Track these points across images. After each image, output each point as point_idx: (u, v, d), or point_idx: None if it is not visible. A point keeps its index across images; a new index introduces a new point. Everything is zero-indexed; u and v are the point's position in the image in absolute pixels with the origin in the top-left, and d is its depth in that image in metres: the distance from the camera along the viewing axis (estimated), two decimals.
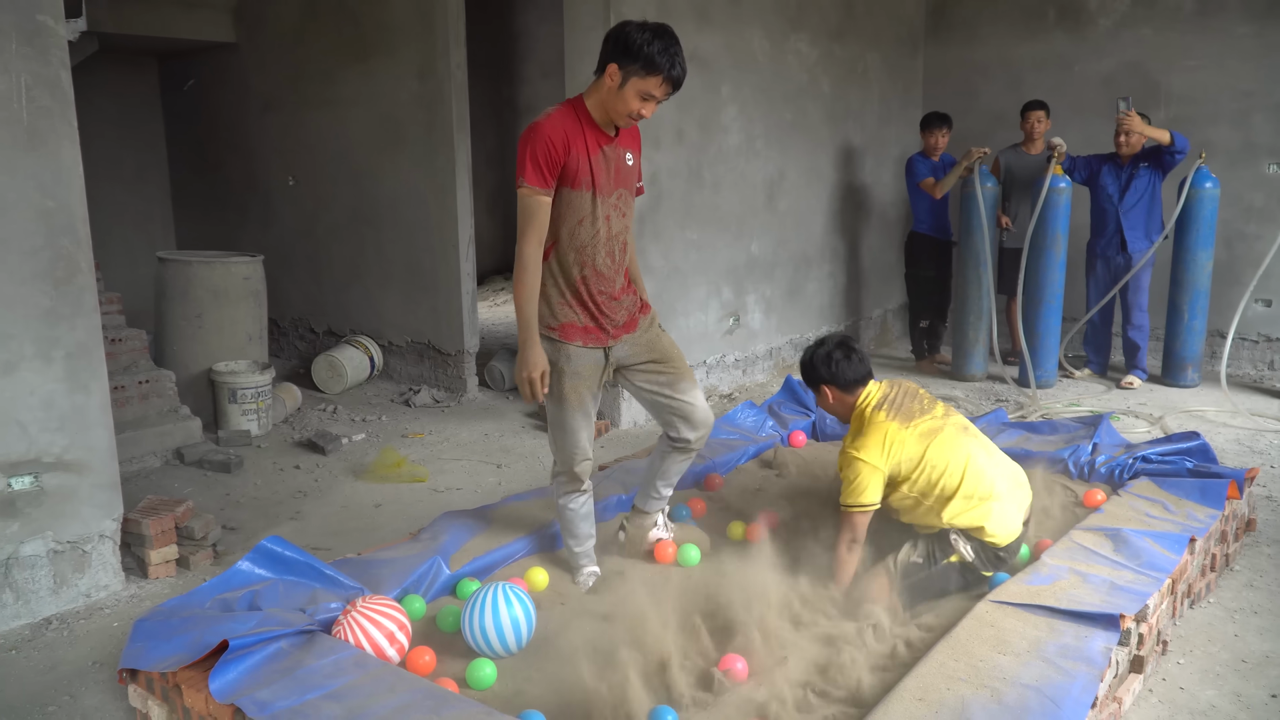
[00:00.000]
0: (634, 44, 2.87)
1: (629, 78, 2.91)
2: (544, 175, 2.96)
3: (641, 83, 2.91)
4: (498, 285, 11.53)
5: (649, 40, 2.87)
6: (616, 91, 2.94)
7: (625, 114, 2.97)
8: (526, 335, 3.06)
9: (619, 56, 2.91)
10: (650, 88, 2.92)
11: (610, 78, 2.94)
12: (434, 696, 2.42)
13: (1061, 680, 2.50)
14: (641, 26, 2.91)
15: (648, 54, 2.86)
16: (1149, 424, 5.72)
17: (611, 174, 3.10)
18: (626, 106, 2.95)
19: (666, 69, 2.89)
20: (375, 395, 6.66)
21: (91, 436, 3.59)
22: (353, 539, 4.20)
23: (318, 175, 7.24)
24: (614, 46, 2.93)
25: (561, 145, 2.96)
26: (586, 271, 3.13)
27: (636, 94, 2.93)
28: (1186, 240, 6.34)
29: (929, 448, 3.18)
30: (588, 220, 3.09)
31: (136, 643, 2.68)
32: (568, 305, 3.16)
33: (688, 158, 5.95)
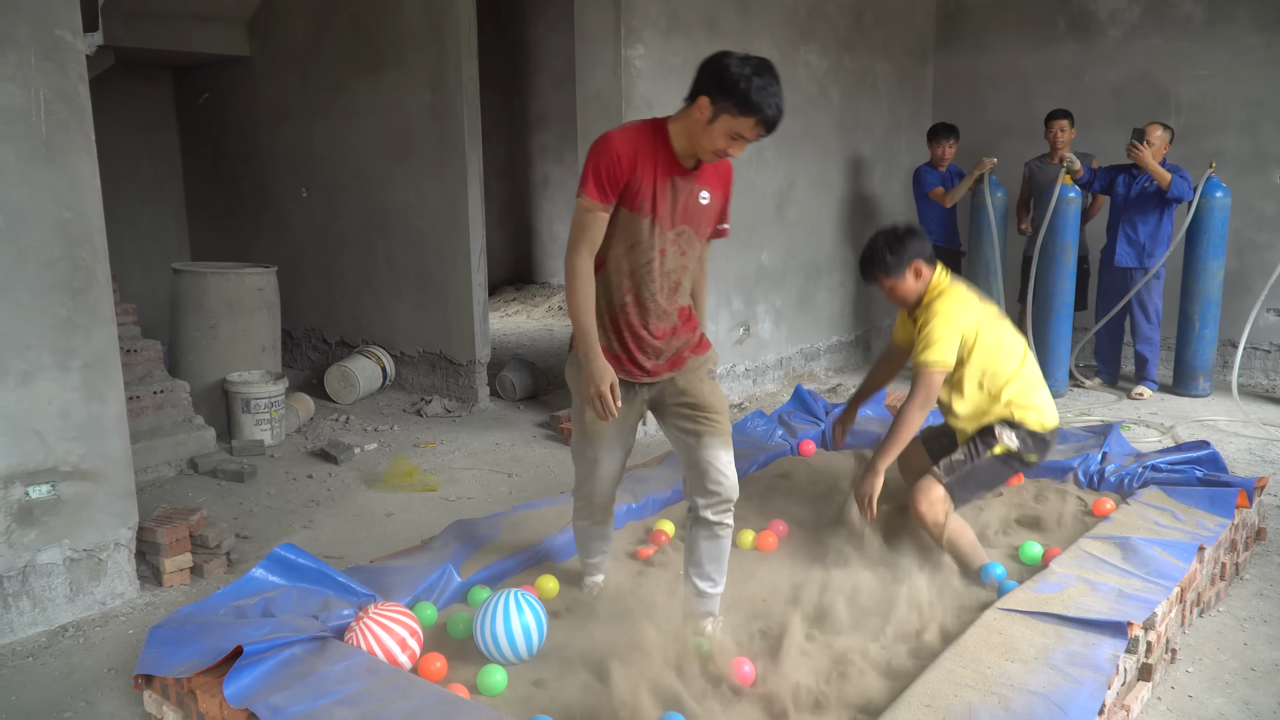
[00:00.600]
0: (731, 79, 2.63)
1: (720, 114, 2.67)
2: (605, 190, 2.72)
3: (734, 122, 2.66)
4: (509, 296, 11.58)
5: (748, 77, 2.62)
6: (705, 126, 2.70)
7: (710, 150, 2.74)
8: (587, 347, 2.79)
9: (713, 90, 2.66)
10: (742, 128, 2.67)
11: (700, 110, 2.69)
12: (445, 702, 2.44)
13: (1069, 687, 2.51)
14: (743, 60, 2.66)
15: (744, 92, 2.62)
16: (1160, 433, 5.71)
17: (678, 207, 2.84)
18: (713, 144, 2.72)
19: (762, 111, 2.65)
20: (387, 405, 6.70)
21: (108, 445, 3.63)
22: (365, 547, 4.23)
23: (330, 186, 7.31)
24: (709, 78, 2.68)
25: (628, 163, 2.73)
26: (629, 299, 2.88)
27: (726, 132, 2.69)
28: (1197, 250, 6.34)
29: (997, 323, 3.55)
30: (640, 248, 2.83)
31: (152, 649, 2.72)
32: (602, 328, 2.90)
33: None
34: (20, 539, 3.41)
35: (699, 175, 2.87)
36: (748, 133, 2.69)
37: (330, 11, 6.99)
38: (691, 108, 2.73)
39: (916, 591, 3.22)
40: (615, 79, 5.45)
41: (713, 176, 2.92)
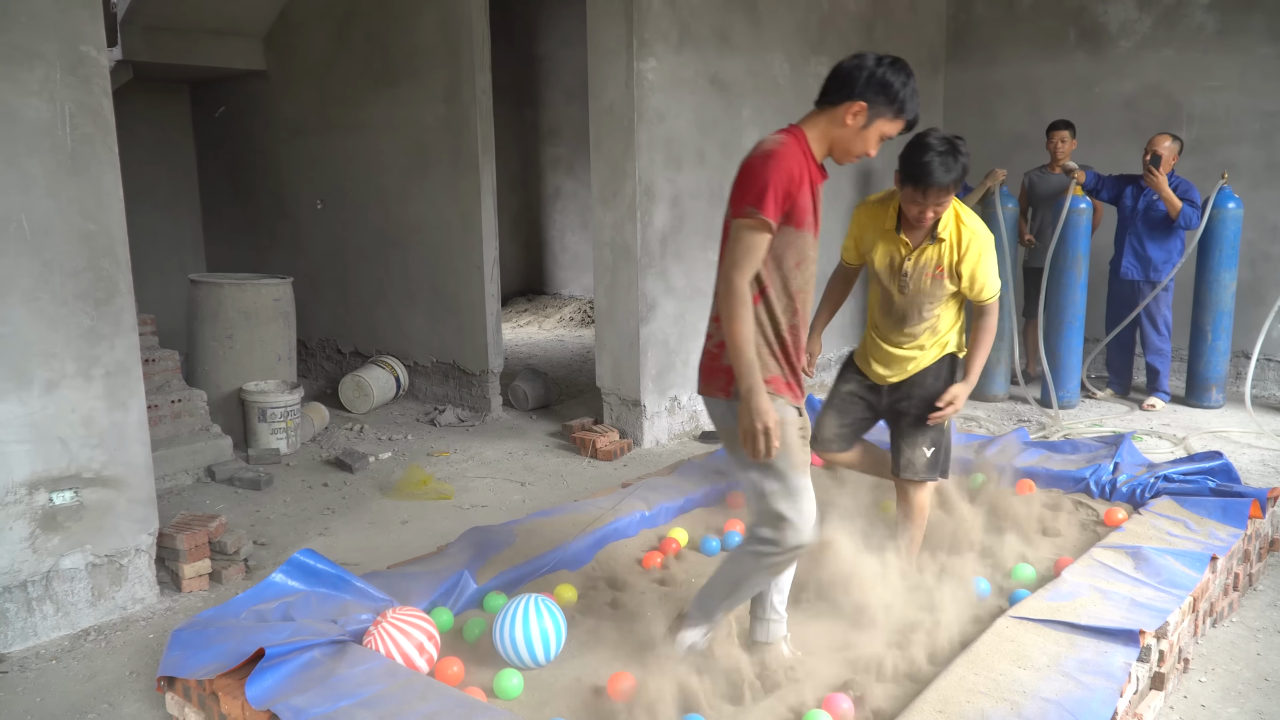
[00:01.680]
0: (891, 86, 2.61)
1: (875, 119, 2.64)
2: (779, 209, 2.57)
3: (888, 125, 2.65)
4: (520, 306, 11.64)
5: (904, 83, 2.62)
6: (858, 131, 2.65)
7: (857, 154, 2.70)
8: (752, 381, 2.53)
9: (870, 95, 2.61)
10: (892, 131, 2.67)
11: (853, 116, 2.62)
12: (463, 705, 2.47)
13: (1080, 694, 2.53)
14: (894, 65, 2.64)
15: (903, 98, 2.63)
16: (1172, 444, 5.72)
17: (821, 214, 2.80)
18: (864, 147, 2.68)
19: (914, 113, 2.67)
20: (401, 414, 6.75)
21: (129, 453, 3.68)
22: (381, 554, 4.26)
23: (345, 199, 7.38)
24: (865, 83, 2.61)
25: (799, 180, 2.60)
26: (796, 320, 2.73)
27: (879, 136, 2.67)
28: (1209, 261, 6.35)
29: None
30: (806, 264, 2.73)
31: (174, 651, 2.76)
32: (773, 357, 2.69)
33: (709, 179, 6.03)
34: (44, 544, 3.46)
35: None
36: (894, 134, 2.70)
37: (346, 27, 7.08)
38: (838, 111, 2.65)
39: (929, 598, 3.25)
40: (628, 92, 5.51)
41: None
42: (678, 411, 6.08)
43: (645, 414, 5.85)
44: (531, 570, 3.54)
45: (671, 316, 5.92)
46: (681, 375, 6.06)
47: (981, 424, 6.25)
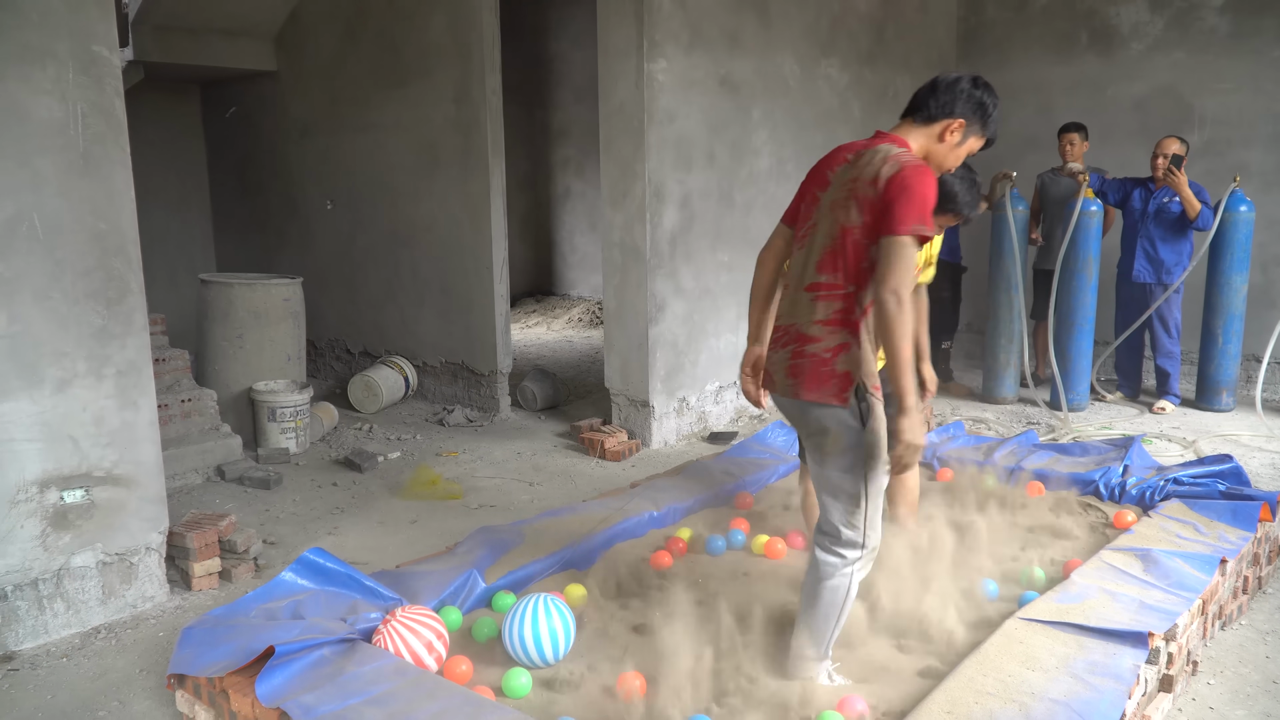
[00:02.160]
0: (986, 106, 2.74)
1: (969, 136, 2.77)
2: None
3: (975, 142, 2.80)
4: (529, 307, 11.65)
5: (995, 104, 2.77)
6: (954, 148, 2.77)
7: (947, 168, 2.83)
8: (913, 399, 2.53)
9: (969, 113, 2.73)
10: (976, 148, 2.83)
11: (951, 133, 2.74)
12: (472, 703, 2.48)
13: (1089, 695, 2.52)
14: (988, 87, 2.76)
15: (994, 119, 2.79)
16: (1182, 448, 5.70)
17: None
18: (954, 162, 2.81)
19: (995, 136, 2.84)
20: (410, 414, 6.77)
21: (140, 452, 3.69)
22: (390, 553, 4.28)
23: (355, 199, 7.40)
24: (965, 102, 2.72)
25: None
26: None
27: (966, 152, 2.82)
28: (1221, 264, 6.33)
29: None
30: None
31: (185, 649, 2.77)
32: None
33: (719, 180, 6.04)
34: (55, 542, 3.48)
35: None
36: (976, 151, 2.84)
37: (356, 27, 7.10)
38: (935, 128, 2.75)
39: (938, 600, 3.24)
40: (638, 92, 5.51)
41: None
42: (686, 412, 6.09)
43: (654, 415, 5.85)
44: (540, 570, 3.54)
45: (680, 317, 5.92)
46: (690, 376, 6.07)
47: (990, 426, 6.24)
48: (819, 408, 2.69)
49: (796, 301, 2.75)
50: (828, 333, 2.67)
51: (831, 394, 2.66)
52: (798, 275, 2.78)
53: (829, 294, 2.66)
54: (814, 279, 2.69)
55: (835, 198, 2.68)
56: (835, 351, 2.66)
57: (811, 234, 2.74)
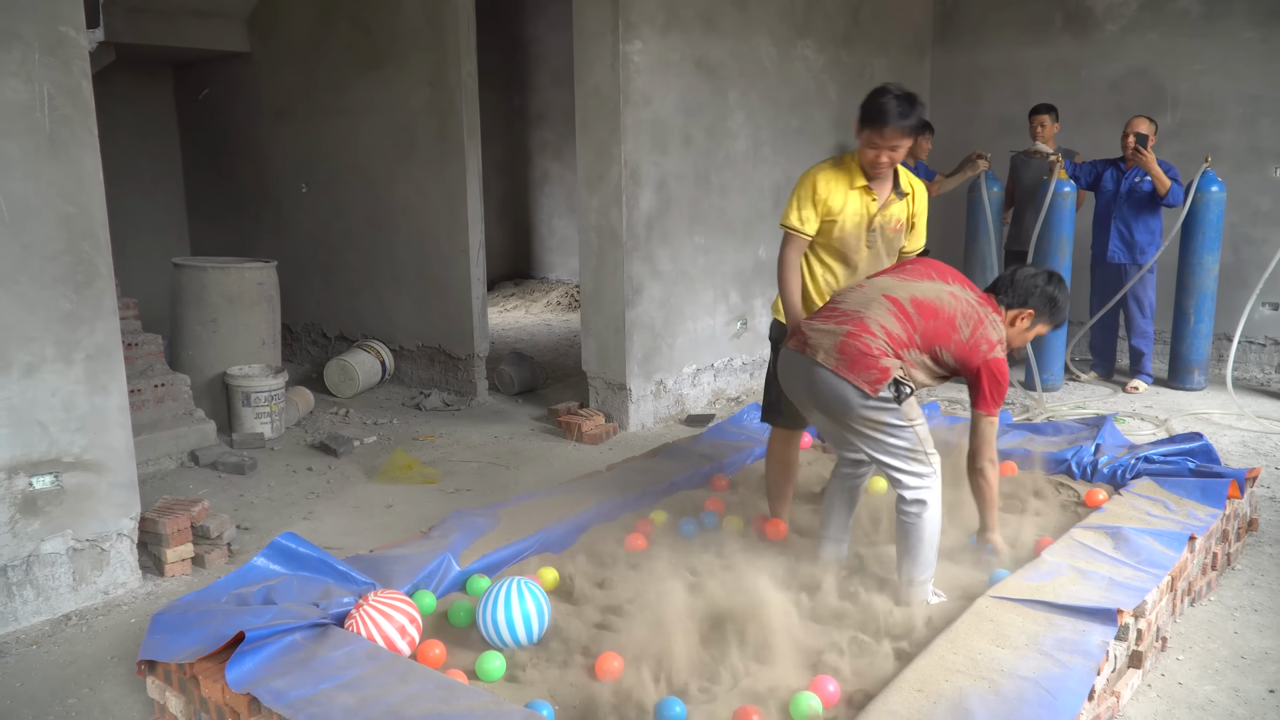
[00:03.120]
0: (1057, 302, 3.34)
1: (1038, 323, 3.37)
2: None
3: (1043, 328, 3.41)
4: (507, 291, 11.62)
5: (1066, 298, 3.39)
6: (1022, 331, 3.35)
7: (1015, 347, 3.40)
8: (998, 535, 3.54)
9: (1039, 306, 3.31)
10: (1043, 332, 3.45)
11: (1023, 319, 3.33)
12: (444, 687, 2.48)
13: (1058, 672, 2.55)
14: (1060, 284, 3.37)
15: (1062, 311, 3.39)
16: (1154, 426, 5.75)
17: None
18: (1022, 343, 3.41)
19: (1062, 321, 3.49)
20: (387, 399, 6.74)
21: (110, 437, 3.66)
22: (365, 538, 4.27)
23: (330, 183, 7.35)
24: (1039, 297, 3.31)
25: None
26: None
27: (1035, 335, 3.42)
28: (1193, 244, 6.37)
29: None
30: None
31: (155, 635, 2.75)
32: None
33: (695, 163, 6.02)
34: (24, 529, 3.45)
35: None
36: (1044, 333, 3.54)
37: (331, 8, 7.03)
38: (1012, 314, 3.35)
39: None
40: (614, 74, 5.49)
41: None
42: (663, 395, 6.09)
43: (631, 398, 5.85)
44: (515, 553, 3.54)
45: (657, 300, 5.92)
46: (667, 359, 6.07)
47: (966, 407, 6.26)
48: (848, 387, 3.05)
49: (872, 299, 3.16)
50: (882, 346, 3.07)
51: (866, 381, 3.03)
52: (886, 280, 3.27)
53: (902, 326, 3.11)
54: (902, 303, 3.13)
55: (950, 296, 3.18)
56: (882, 354, 3.06)
57: (918, 276, 3.27)
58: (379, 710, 2.37)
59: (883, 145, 3.39)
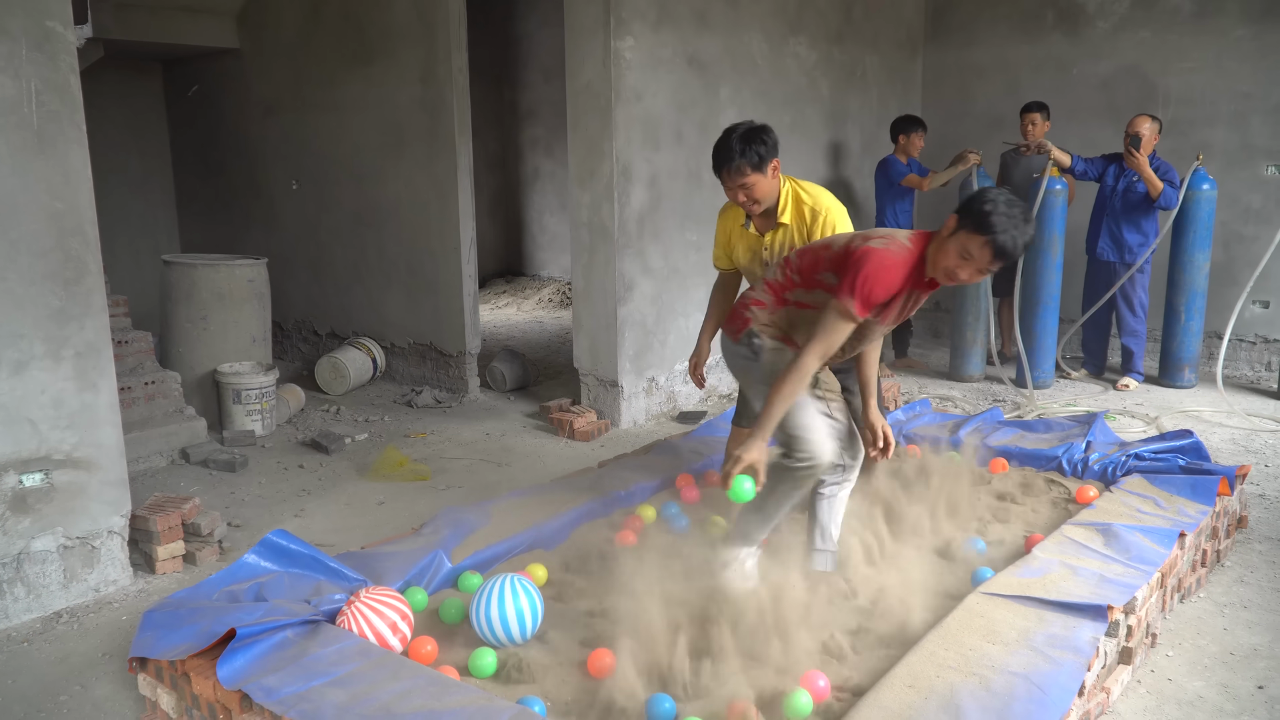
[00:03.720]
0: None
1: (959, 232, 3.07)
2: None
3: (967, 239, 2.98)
4: (499, 288, 11.60)
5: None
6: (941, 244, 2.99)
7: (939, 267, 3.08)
8: (767, 433, 3.05)
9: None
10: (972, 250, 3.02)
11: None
12: (436, 683, 2.48)
13: (1048, 668, 2.55)
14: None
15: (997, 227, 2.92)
16: (1145, 423, 5.77)
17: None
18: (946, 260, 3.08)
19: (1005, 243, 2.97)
20: (378, 396, 6.73)
21: (100, 434, 3.65)
22: (356, 535, 4.26)
23: (320, 179, 7.33)
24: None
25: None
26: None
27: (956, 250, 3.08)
28: (1184, 242, 6.39)
29: None
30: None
31: (146, 632, 2.75)
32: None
33: (687, 159, 6.02)
34: (14, 526, 3.43)
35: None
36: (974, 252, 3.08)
37: (320, 4, 7.01)
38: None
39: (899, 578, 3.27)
40: (605, 71, 5.48)
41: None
42: (655, 392, 6.09)
43: (623, 395, 5.85)
44: (507, 550, 3.53)
45: (649, 297, 5.92)
46: (659, 356, 6.07)
47: (957, 404, 6.28)
48: (725, 340, 3.29)
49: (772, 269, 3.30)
50: (760, 298, 3.21)
51: (730, 331, 3.24)
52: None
53: (782, 272, 3.19)
54: (789, 257, 3.21)
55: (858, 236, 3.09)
56: (755, 304, 3.19)
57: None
58: (370, 707, 2.37)
59: (731, 186, 3.41)
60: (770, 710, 2.61)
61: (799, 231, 3.50)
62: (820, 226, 3.46)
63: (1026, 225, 2.77)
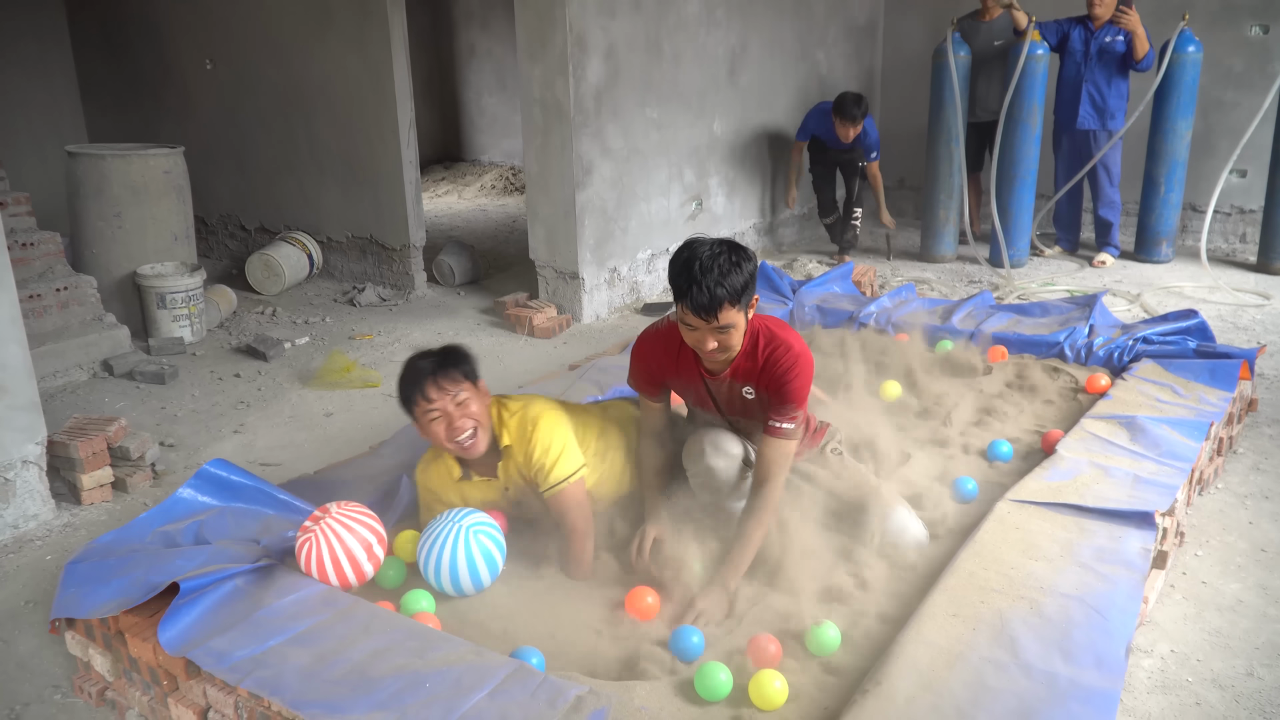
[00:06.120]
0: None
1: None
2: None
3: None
4: (438, 175, 10.98)
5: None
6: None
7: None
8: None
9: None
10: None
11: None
12: (416, 636, 2.14)
13: (1102, 587, 2.30)
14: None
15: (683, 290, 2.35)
16: (1128, 301, 5.54)
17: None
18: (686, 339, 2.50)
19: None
20: (316, 295, 6.25)
21: (3, 354, 3.19)
22: (305, 451, 3.88)
23: (238, 57, 6.64)
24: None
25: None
26: None
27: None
28: (1166, 109, 6.07)
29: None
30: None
31: (69, 589, 2.35)
32: None
33: (646, 27, 5.51)
34: None
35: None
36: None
37: None
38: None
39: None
40: None
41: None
42: (618, 283, 5.70)
43: (584, 287, 5.45)
44: None
45: (609, 180, 5.47)
46: (620, 244, 5.66)
47: (933, 286, 5.99)
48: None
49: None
50: None
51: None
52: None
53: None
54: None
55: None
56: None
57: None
58: (340, 669, 2.03)
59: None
60: (795, 641, 2.32)
61: (519, 469, 2.67)
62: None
63: (708, 273, 2.28)
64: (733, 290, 2.30)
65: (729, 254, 2.33)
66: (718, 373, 2.56)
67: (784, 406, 2.48)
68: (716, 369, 2.55)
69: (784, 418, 2.49)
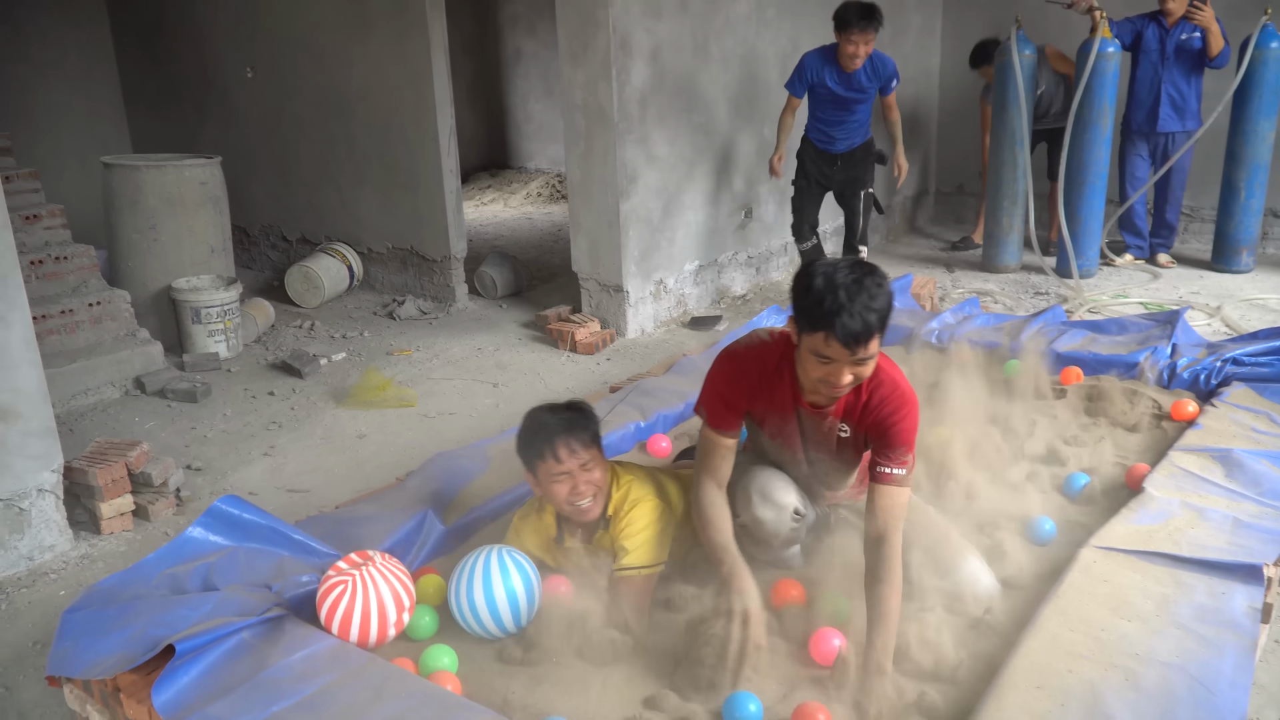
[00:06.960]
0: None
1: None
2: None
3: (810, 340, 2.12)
4: (483, 183, 10.83)
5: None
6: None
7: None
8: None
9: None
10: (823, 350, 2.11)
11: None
12: (433, 703, 1.93)
13: (1206, 655, 2.02)
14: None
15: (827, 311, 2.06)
16: (1207, 315, 5.20)
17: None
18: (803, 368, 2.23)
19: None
20: (356, 308, 6.10)
21: (17, 377, 3.05)
22: (335, 476, 3.70)
23: (279, 65, 6.53)
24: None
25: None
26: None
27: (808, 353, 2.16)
28: (1247, 109, 5.71)
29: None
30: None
31: (65, 641, 2.17)
32: None
33: (693, 29, 5.28)
34: None
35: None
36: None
37: None
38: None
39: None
40: None
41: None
42: (664, 296, 5.47)
43: (628, 300, 5.23)
44: (510, 503, 2.95)
45: (654, 189, 5.25)
46: (666, 255, 5.43)
47: (996, 298, 5.69)
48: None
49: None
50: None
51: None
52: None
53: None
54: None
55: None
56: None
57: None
58: None
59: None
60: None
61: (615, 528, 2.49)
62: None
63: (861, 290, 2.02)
64: (882, 316, 2.05)
65: (870, 274, 2.07)
66: (824, 406, 2.30)
67: (892, 450, 2.22)
68: (824, 402, 2.28)
69: (893, 462, 2.22)
